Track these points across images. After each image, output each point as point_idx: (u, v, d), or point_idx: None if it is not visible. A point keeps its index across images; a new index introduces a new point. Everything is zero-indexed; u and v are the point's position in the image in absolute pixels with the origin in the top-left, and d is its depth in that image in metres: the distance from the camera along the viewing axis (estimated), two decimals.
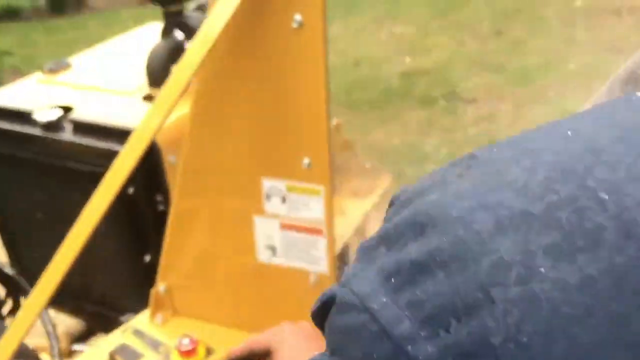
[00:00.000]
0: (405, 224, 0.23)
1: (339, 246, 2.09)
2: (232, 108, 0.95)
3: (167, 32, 1.71)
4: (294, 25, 0.83)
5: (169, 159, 1.26)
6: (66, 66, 1.67)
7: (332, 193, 0.93)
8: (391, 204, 0.26)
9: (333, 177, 0.92)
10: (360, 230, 2.49)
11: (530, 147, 0.23)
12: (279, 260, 1.01)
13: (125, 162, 0.88)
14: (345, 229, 2.09)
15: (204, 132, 0.98)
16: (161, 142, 1.21)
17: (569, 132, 0.22)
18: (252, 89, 0.91)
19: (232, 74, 0.92)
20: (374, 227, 3.06)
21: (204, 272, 1.09)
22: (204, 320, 1.09)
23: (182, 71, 0.86)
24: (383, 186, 2.23)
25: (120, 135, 1.24)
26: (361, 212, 2.19)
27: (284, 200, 0.95)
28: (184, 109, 1.06)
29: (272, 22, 0.85)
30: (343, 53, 5.19)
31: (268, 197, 0.96)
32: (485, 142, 3.77)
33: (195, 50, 0.85)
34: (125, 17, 5.60)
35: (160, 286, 1.12)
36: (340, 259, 2.09)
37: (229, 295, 1.08)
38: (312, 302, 1.02)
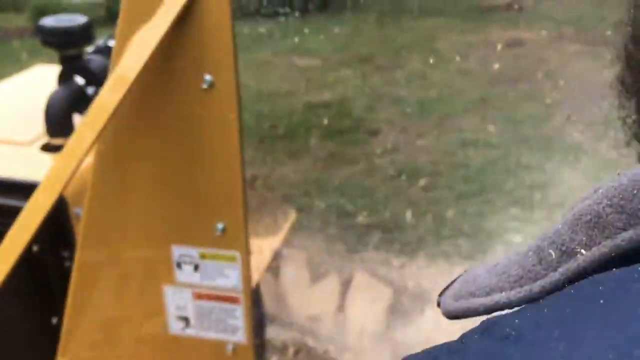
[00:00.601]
0: None
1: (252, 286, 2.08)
2: (138, 168, 0.88)
3: (65, 77, 1.61)
4: (204, 85, 0.79)
5: (75, 211, 1.17)
6: None
7: (249, 259, 0.88)
8: None
9: (249, 242, 0.88)
10: (271, 268, 2.50)
11: None
12: (192, 332, 0.94)
13: (31, 217, 0.79)
14: (256, 268, 2.08)
15: (106, 192, 0.90)
16: (67, 193, 1.12)
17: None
18: (160, 149, 0.85)
19: (138, 132, 0.86)
20: (285, 266, 3.03)
21: (111, 344, 1.00)
22: None
23: (93, 117, 0.78)
24: (289, 222, 2.26)
25: (18, 189, 1.14)
26: (271, 251, 2.21)
27: (196, 268, 0.89)
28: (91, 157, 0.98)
29: (181, 81, 0.80)
30: (248, 87, 5.17)
31: (179, 265, 0.89)
32: (392, 172, 3.86)
33: (109, 95, 0.78)
34: (17, 48, 5.31)
35: None
36: (253, 298, 2.08)
37: None
38: None
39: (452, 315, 0.31)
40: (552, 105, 4.24)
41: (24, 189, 0.87)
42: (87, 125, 0.79)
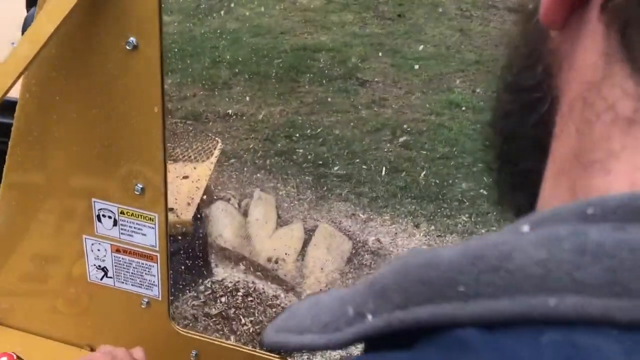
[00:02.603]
0: None
1: (193, 208, 2.29)
2: (59, 123, 0.88)
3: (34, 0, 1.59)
4: (128, 47, 0.79)
5: None
6: None
7: (166, 220, 0.90)
8: None
9: (167, 204, 0.89)
10: (207, 190, 2.72)
11: None
12: (110, 282, 0.98)
13: None
14: (195, 191, 2.38)
15: (28, 141, 0.90)
16: None
17: None
18: (82, 106, 0.85)
19: (61, 87, 0.85)
20: (254, 207, 3.06)
21: (33, 280, 1.03)
22: (28, 332, 1.04)
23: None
24: (216, 150, 2.66)
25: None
26: (205, 174, 2.51)
27: (115, 223, 0.91)
28: None
29: (105, 40, 0.80)
30: (245, 21, 5.07)
31: (99, 218, 0.92)
32: (376, 125, 3.86)
33: (26, 45, 0.77)
34: None
35: None
36: (195, 219, 2.32)
37: (57, 308, 1.03)
38: (142, 324, 0.99)
39: (268, 347, 0.33)
40: None
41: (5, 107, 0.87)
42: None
